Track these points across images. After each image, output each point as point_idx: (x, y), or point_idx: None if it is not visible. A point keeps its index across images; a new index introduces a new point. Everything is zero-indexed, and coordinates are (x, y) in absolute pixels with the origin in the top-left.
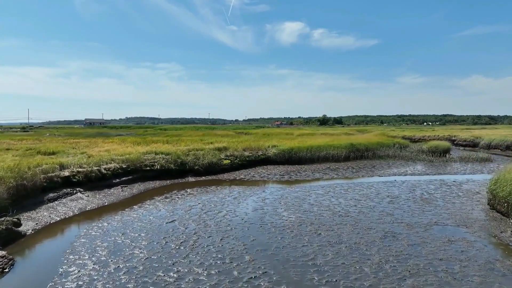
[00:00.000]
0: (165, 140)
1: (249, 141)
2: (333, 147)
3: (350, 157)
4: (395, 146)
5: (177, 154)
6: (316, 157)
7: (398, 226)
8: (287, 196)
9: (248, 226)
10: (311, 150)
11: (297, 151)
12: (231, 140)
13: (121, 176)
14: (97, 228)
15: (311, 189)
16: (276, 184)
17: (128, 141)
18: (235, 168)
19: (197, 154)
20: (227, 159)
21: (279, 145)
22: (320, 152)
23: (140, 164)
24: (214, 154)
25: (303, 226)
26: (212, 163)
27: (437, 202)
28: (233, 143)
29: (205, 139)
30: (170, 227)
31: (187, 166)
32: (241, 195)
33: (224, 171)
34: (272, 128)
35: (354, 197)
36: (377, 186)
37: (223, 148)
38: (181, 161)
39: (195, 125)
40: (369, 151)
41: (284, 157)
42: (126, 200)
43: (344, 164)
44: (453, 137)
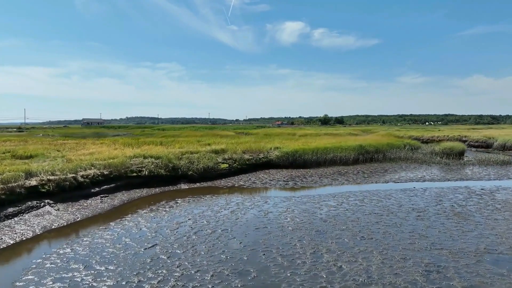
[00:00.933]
0: (159, 141)
1: (249, 143)
2: (341, 149)
3: (359, 160)
4: (405, 147)
5: (169, 157)
6: (322, 160)
7: (439, 254)
8: (293, 209)
9: (248, 253)
10: (317, 152)
11: (302, 154)
12: (230, 142)
13: (102, 184)
14: (56, 257)
15: (321, 199)
16: (280, 192)
17: (120, 142)
18: (233, 173)
19: (191, 158)
20: (225, 162)
21: (282, 147)
22: (326, 155)
23: (125, 169)
24: (211, 158)
25: (317, 255)
26: (208, 168)
27: (475, 217)
28: (232, 145)
29: (203, 140)
30: (149, 256)
31: (180, 172)
32: (240, 207)
33: (221, 177)
34: (273, 128)
35: (373, 211)
36: (397, 196)
37: (220, 150)
38: (172, 165)
39: (194, 125)
40: (379, 153)
41: (288, 160)
42: (103, 214)
43: (353, 168)
44: (463, 137)
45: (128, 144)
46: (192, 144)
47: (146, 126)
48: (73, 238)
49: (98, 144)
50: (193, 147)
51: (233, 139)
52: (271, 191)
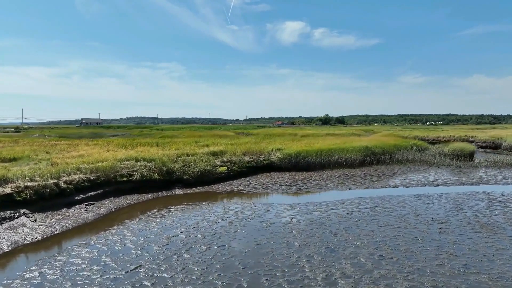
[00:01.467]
0: (155, 142)
1: (249, 144)
2: (346, 150)
3: (365, 162)
4: (412, 148)
5: (163, 160)
6: (327, 162)
7: (476, 281)
8: (299, 219)
9: (249, 278)
10: (320, 154)
11: (305, 156)
12: (229, 142)
13: (88, 191)
14: (19, 284)
15: (329, 207)
16: (283, 198)
17: (114, 143)
18: (233, 176)
19: (187, 160)
20: (223, 165)
21: (284, 148)
22: (331, 157)
23: (115, 174)
24: (208, 160)
25: (330, 280)
26: (205, 171)
27: (505, 230)
28: (231, 146)
29: (201, 141)
30: (130, 282)
31: (175, 176)
32: (239, 217)
33: (219, 181)
34: (273, 128)
35: (388, 222)
36: (411, 203)
37: (219, 152)
38: (167, 169)
39: (194, 125)
40: (386, 155)
41: (290, 163)
42: (86, 226)
43: (360, 170)
44: (470, 138)
45: (123, 145)
46: (190, 145)
47: (145, 126)
48: (45, 257)
49: (91, 145)
50: (190, 149)
51: (232, 140)
52: (273, 197)
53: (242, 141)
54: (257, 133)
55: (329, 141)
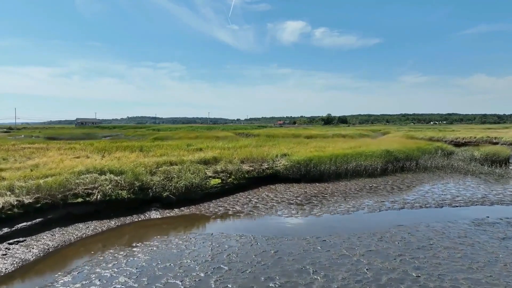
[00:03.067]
0: (139, 146)
1: (249, 147)
2: (365, 155)
3: (388, 170)
4: (438, 152)
5: (136, 172)
6: (343, 171)
7: None
8: (321, 267)
9: None
10: (335, 160)
11: (317, 163)
12: (227, 146)
13: (18, 221)
14: None
15: (361, 243)
16: (294, 226)
17: (93, 147)
18: (228, 191)
19: (170, 171)
20: (216, 177)
21: (290, 153)
22: (348, 164)
23: (65, 193)
24: (197, 170)
25: None
26: (192, 186)
27: None
28: (227, 151)
29: (194, 144)
30: None
31: (151, 193)
32: (234, 267)
33: (210, 198)
34: (275, 128)
35: (465, 278)
36: (477, 237)
37: (212, 159)
38: (140, 184)
39: (192, 125)
40: (411, 161)
41: (300, 172)
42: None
43: (383, 180)
44: (493, 139)
45: (102, 149)
46: (179, 149)
47: (142, 126)
48: None
49: (66, 149)
50: (178, 154)
51: (230, 142)
52: (281, 225)
53: (241, 144)
54: (258, 133)
55: (341, 144)
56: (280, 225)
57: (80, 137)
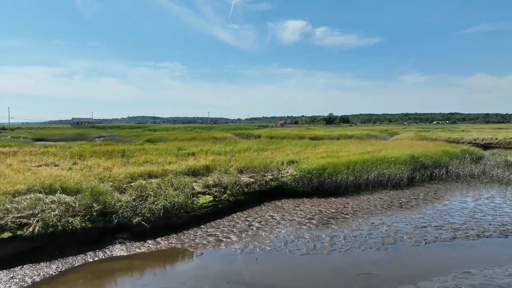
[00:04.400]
0: (122, 150)
1: (250, 152)
2: (387, 162)
3: (415, 179)
4: (465, 157)
5: (97, 191)
6: (363, 182)
7: None
8: None
9: None
10: (353, 169)
11: (332, 172)
12: (223, 150)
13: None
14: None
15: None
16: (311, 267)
17: (70, 151)
18: (222, 211)
19: (145, 188)
20: (207, 192)
21: (298, 159)
22: (368, 173)
23: None
24: (183, 185)
25: None
26: (173, 207)
27: None
28: (223, 159)
29: (187, 147)
30: None
31: (116, 219)
32: None
33: (199, 221)
34: (276, 128)
35: None
36: None
37: (203, 169)
38: (101, 207)
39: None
40: (440, 168)
41: (311, 184)
42: None
43: (412, 193)
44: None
45: (78, 154)
46: (167, 155)
47: (139, 126)
48: None
49: (38, 153)
50: (163, 161)
51: (228, 145)
52: (292, 268)
53: (241, 148)
54: (259, 134)
55: (355, 148)
56: (293, 271)
57: (71, 138)
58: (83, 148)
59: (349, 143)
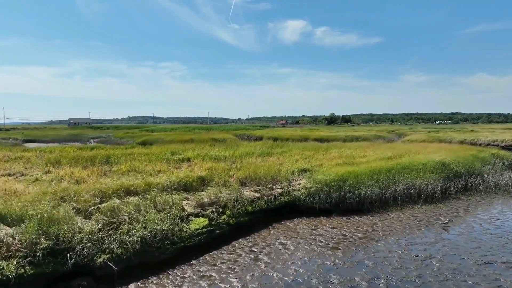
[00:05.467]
0: (106, 155)
1: (253, 157)
2: (416, 170)
3: (449, 191)
4: (495, 162)
5: (48, 219)
6: (390, 195)
7: None
8: None
9: None
10: (377, 179)
11: (353, 184)
12: (223, 154)
13: None
14: None
15: None
16: None
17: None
18: (220, 238)
19: (119, 210)
20: (201, 214)
21: (311, 167)
22: (396, 184)
23: None
24: (169, 205)
25: None
26: (155, 237)
27: None
28: (223, 167)
29: (183, 151)
30: None
31: (72, 259)
32: None
33: (188, 256)
34: (278, 128)
35: None
36: None
37: (197, 181)
38: (52, 243)
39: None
40: (475, 176)
41: (329, 199)
42: None
43: (450, 209)
44: None
45: (56, 161)
46: (158, 161)
47: (137, 127)
48: None
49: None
50: (152, 170)
51: (229, 149)
52: None
53: (242, 152)
54: (261, 134)
55: (373, 152)
56: None
57: (65, 139)
58: (65, 152)
59: (363, 146)
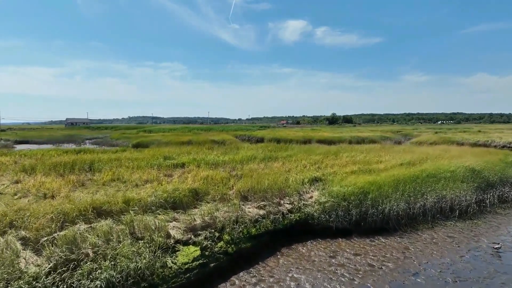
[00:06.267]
0: (91, 160)
1: (255, 162)
2: (445, 179)
3: (484, 203)
4: None
5: None
6: (418, 210)
7: None
8: None
9: None
10: (403, 190)
11: (376, 197)
12: (221, 159)
13: None
14: None
15: None
16: None
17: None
18: (214, 273)
19: (83, 240)
20: (192, 241)
21: (323, 176)
22: (423, 196)
23: None
24: (150, 230)
25: None
26: (126, 280)
27: None
28: (220, 176)
29: (177, 155)
30: None
31: None
32: None
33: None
34: (279, 129)
35: None
36: None
37: (189, 195)
38: None
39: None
40: (509, 185)
41: (349, 216)
42: None
43: (488, 226)
44: None
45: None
46: (147, 167)
47: (136, 127)
48: None
49: None
50: (138, 179)
51: (228, 153)
52: None
53: (243, 156)
54: (262, 135)
55: (389, 156)
56: None
57: (59, 140)
58: (48, 156)
59: (375, 149)
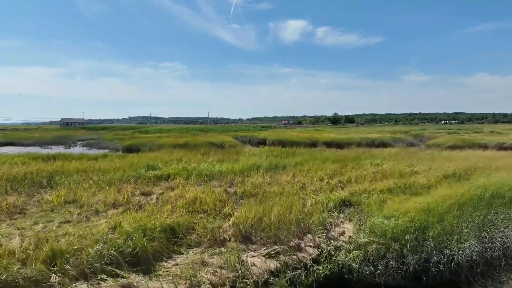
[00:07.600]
0: (52, 170)
1: (259, 175)
2: (510, 198)
3: None
4: None
5: None
6: (498, 251)
7: None
8: None
9: None
10: (469, 217)
11: (440, 234)
12: (217, 170)
13: None
14: None
15: None
16: None
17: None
18: None
19: None
20: None
21: (354, 197)
22: (502, 233)
23: None
24: None
25: None
26: None
27: None
28: (213, 198)
29: (164, 163)
30: None
31: None
32: None
33: None
34: (281, 129)
35: None
36: None
37: (162, 237)
38: None
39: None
40: None
41: (403, 266)
42: None
43: None
44: None
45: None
46: (119, 183)
47: (133, 127)
48: None
49: None
50: (102, 200)
51: (226, 162)
52: None
53: (244, 165)
54: (264, 137)
55: (423, 167)
56: None
57: (48, 142)
58: (8, 163)
59: (398, 154)
